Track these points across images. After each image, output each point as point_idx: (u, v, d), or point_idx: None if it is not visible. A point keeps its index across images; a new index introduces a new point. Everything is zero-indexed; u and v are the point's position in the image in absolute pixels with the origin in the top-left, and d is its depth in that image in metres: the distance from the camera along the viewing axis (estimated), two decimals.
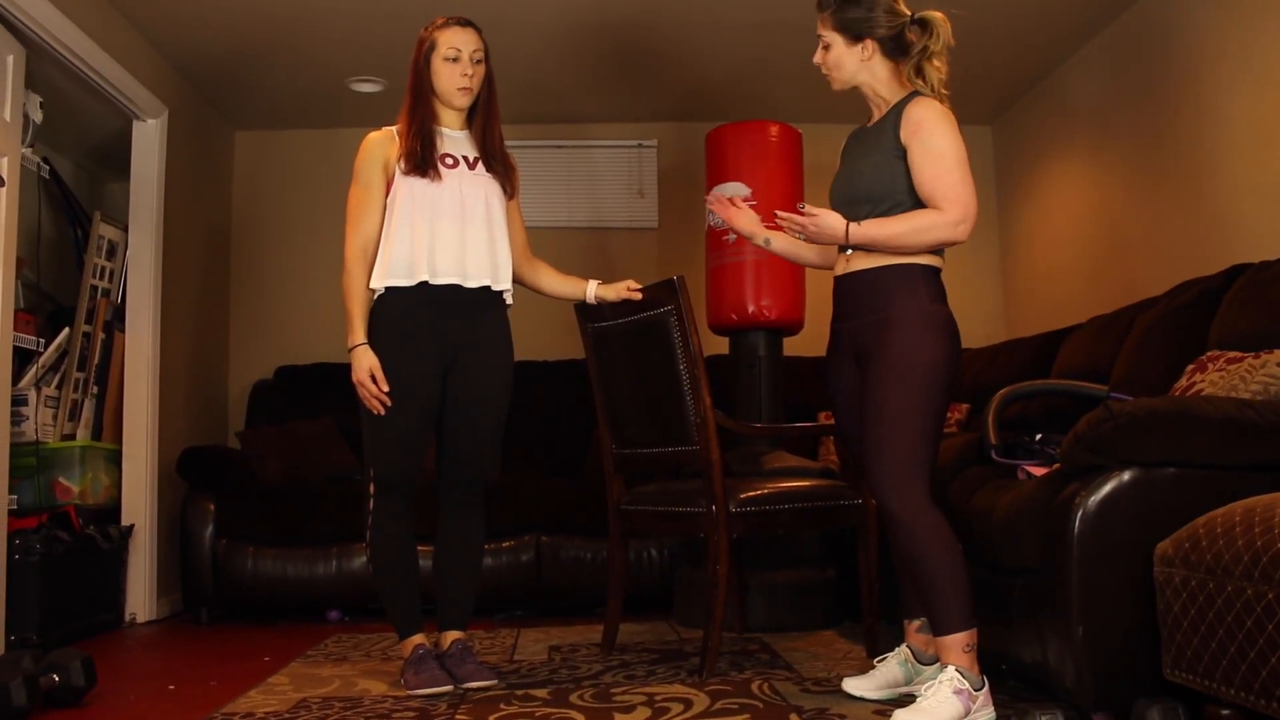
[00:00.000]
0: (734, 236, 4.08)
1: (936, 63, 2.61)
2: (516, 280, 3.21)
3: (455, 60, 3.05)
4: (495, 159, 3.14)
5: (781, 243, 2.95)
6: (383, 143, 3.07)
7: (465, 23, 3.10)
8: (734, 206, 3.00)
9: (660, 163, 6.02)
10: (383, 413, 2.96)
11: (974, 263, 5.85)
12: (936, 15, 2.61)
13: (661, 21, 4.69)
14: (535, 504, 4.69)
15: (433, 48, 3.07)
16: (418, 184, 3.02)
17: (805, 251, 2.97)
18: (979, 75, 5.22)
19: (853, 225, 2.54)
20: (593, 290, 3.26)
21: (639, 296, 3.19)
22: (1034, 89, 5.49)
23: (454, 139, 3.13)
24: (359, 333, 2.98)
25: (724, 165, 4.18)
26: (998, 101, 5.73)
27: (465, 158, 3.11)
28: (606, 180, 6.01)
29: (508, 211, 3.18)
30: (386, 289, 3.01)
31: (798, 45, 4.76)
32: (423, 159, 3.01)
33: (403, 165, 3.03)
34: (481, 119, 3.16)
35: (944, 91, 2.63)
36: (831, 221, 2.56)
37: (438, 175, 3.02)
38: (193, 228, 5.30)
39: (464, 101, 3.10)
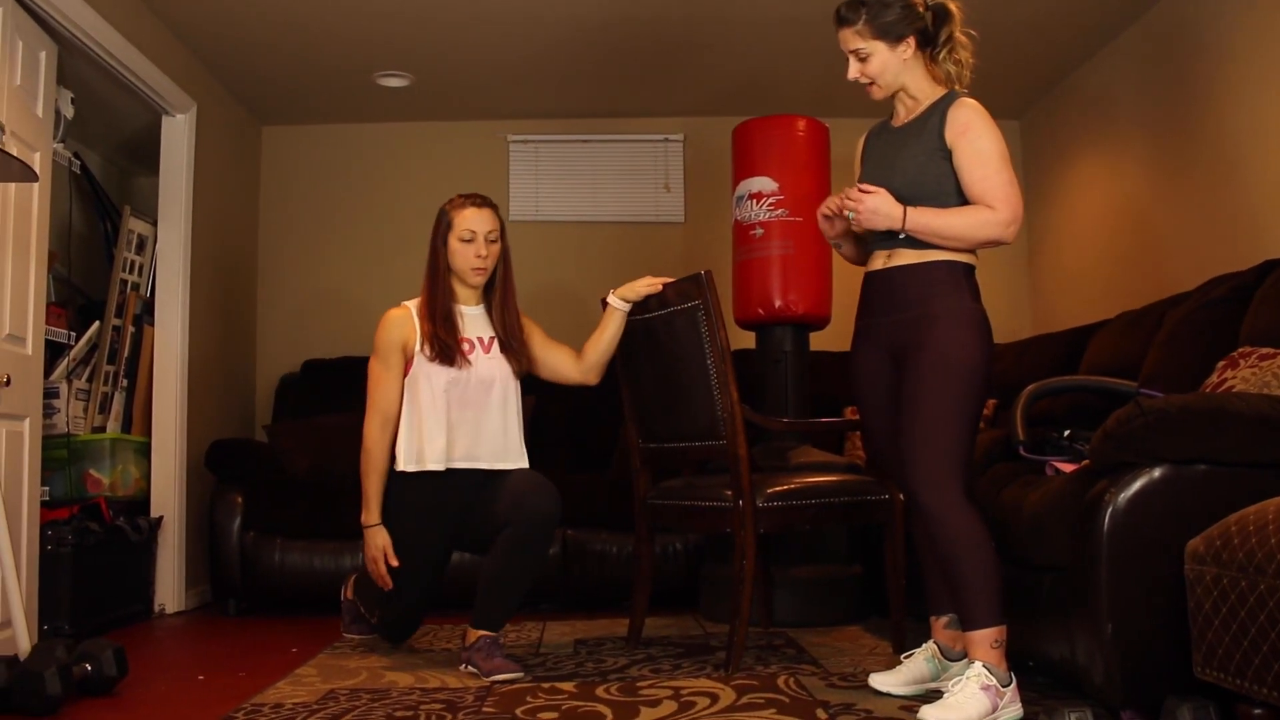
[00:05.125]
0: (761, 231, 4.07)
1: (963, 54, 2.63)
2: (586, 381, 3.40)
3: (470, 241, 3.22)
4: (512, 337, 3.29)
5: (849, 246, 2.88)
6: (402, 323, 3.23)
7: (481, 203, 3.26)
8: (841, 208, 2.70)
9: (686, 157, 6.01)
10: (389, 588, 3.24)
11: (1001, 258, 5.78)
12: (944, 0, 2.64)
13: (688, 16, 4.68)
14: (562, 498, 4.69)
15: (449, 227, 3.23)
16: (436, 369, 3.19)
17: (849, 247, 2.88)
18: (1006, 70, 5.19)
19: (910, 210, 2.54)
20: (616, 300, 3.33)
21: (659, 289, 3.25)
22: (1061, 84, 5.46)
23: (471, 317, 3.30)
24: (374, 513, 3.21)
25: (751, 160, 4.17)
26: (1025, 97, 5.69)
27: (480, 339, 3.27)
28: (633, 175, 6.00)
29: (538, 344, 3.37)
30: (400, 472, 3.21)
31: (824, 40, 4.76)
32: (446, 348, 3.18)
33: (426, 351, 3.19)
34: (500, 295, 3.32)
35: (969, 77, 2.65)
36: (887, 205, 2.55)
37: (466, 363, 3.20)
38: (221, 222, 5.34)
39: (478, 280, 3.27)
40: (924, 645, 2.83)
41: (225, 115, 5.40)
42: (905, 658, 2.84)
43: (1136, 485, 2.32)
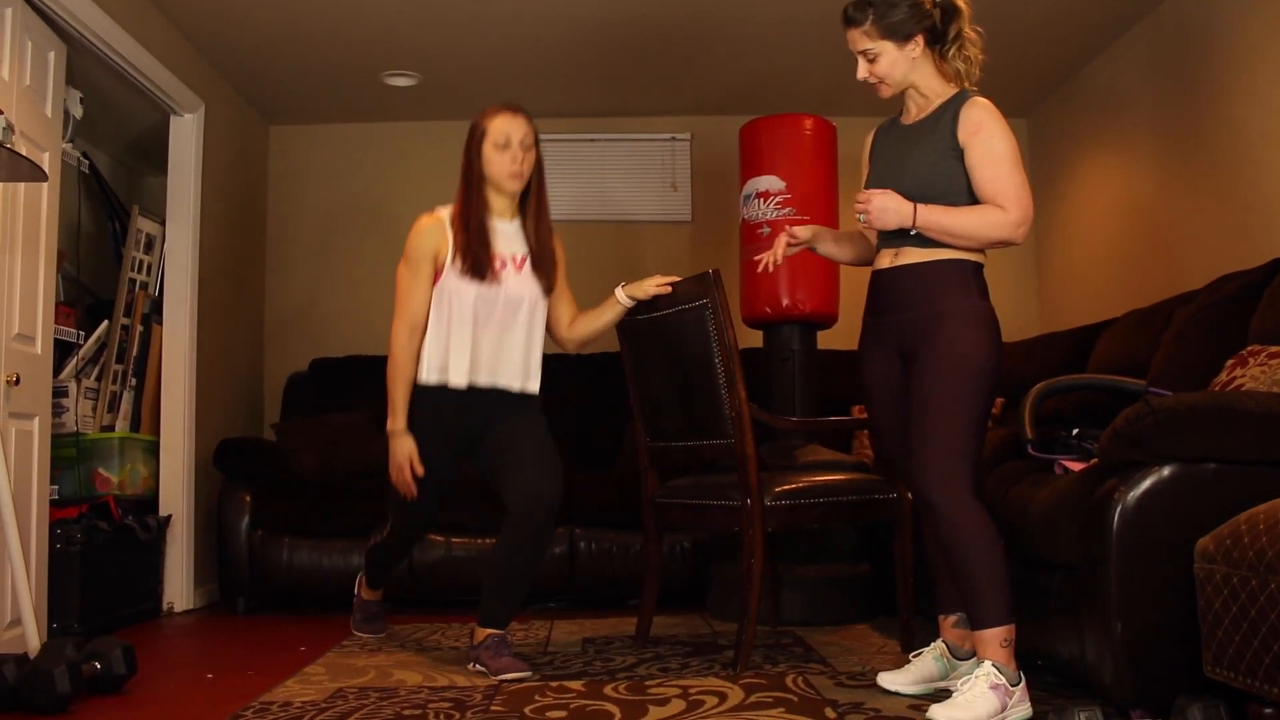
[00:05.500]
0: (768, 229, 4.07)
1: (972, 50, 2.62)
2: (562, 348, 3.39)
3: (505, 147, 3.14)
4: (544, 253, 3.23)
5: (825, 243, 2.93)
6: (434, 232, 3.16)
7: (515, 110, 3.19)
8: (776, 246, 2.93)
9: (693, 156, 6.00)
10: (412, 497, 3.18)
11: (1009, 256, 5.76)
12: None
13: (695, 15, 4.68)
14: (569, 497, 4.65)
15: (484, 135, 3.16)
16: (465, 284, 3.12)
17: (838, 250, 2.95)
18: (1014, 67, 5.18)
19: (920, 208, 2.53)
20: (622, 295, 3.30)
21: (668, 290, 3.21)
22: (1070, 81, 5.44)
23: (505, 233, 3.22)
24: (400, 419, 3.15)
25: (758, 159, 4.17)
26: (1033, 94, 5.68)
27: (514, 257, 3.20)
28: (640, 174, 6.00)
29: (557, 291, 3.30)
30: (421, 384, 3.16)
31: (832, 38, 4.75)
32: (479, 263, 3.11)
33: (458, 265, 3.12)
34: (534, 208, 3.25)
35: (978, 74, 2.65)
36: (896, 203, 2.55)
37: (496, 279, 3.14)
38: (229, 221, 5.34)
39: (515, 187, 3.19)
40: (932, 644, 2.83)
41: (233, 115, 5.41)
42: (914, 656, 2.83)
43: (1146, 484, 2.31)
